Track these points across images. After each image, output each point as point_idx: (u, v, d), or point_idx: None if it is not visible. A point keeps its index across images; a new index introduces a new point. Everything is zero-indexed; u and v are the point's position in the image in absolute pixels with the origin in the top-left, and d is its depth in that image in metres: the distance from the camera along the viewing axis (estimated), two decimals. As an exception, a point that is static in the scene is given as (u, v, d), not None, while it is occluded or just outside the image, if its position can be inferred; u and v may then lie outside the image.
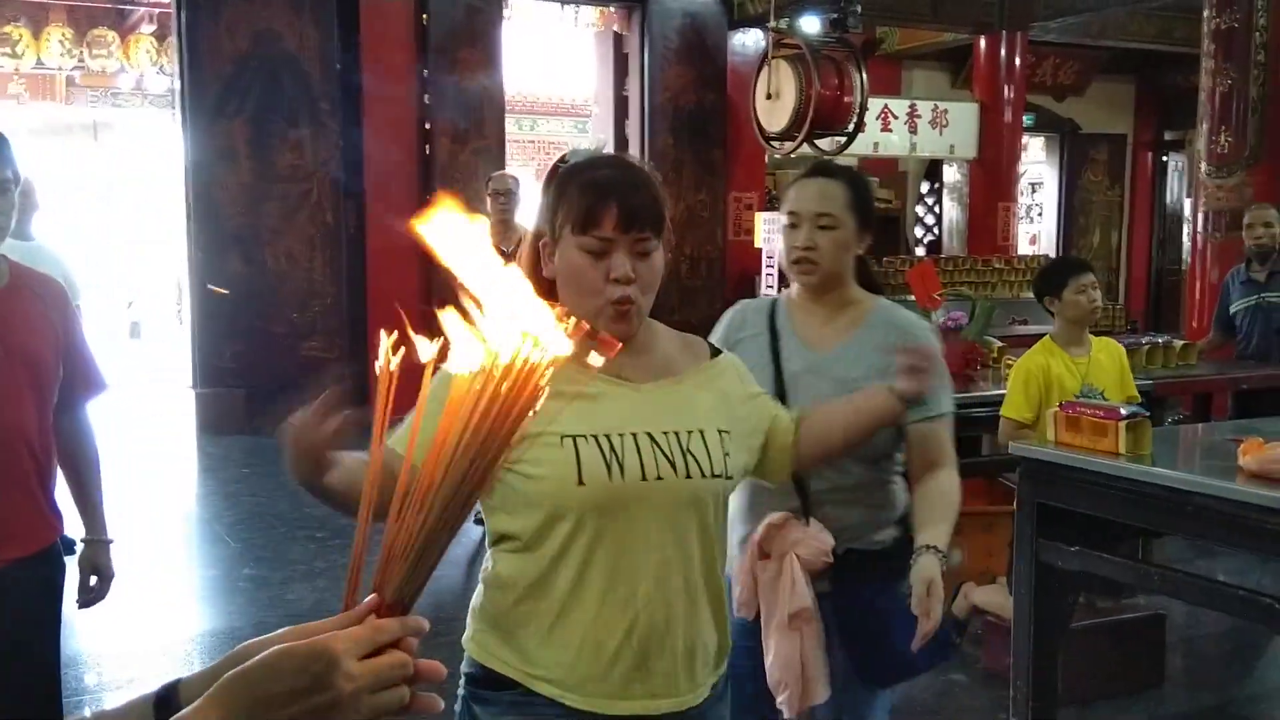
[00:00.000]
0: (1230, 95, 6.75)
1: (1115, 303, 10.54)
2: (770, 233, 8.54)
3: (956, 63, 11.61)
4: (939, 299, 4.67)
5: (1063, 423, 2.88)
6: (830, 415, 1.81)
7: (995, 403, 3.94)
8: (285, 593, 4.79)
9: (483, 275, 0.78)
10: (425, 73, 8.53)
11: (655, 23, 9.40)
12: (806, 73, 7.63)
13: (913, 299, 4.68)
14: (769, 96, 7.89)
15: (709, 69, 9.64)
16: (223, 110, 7.99)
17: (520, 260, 1.63)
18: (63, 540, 2.34)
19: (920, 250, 11.95)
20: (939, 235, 12.28)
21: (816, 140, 8.14)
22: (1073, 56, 12.00)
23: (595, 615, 1.51)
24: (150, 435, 7.96)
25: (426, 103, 8.54)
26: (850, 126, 8.01)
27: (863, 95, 7.89)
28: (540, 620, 1.52)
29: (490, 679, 1.57)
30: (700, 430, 1.56)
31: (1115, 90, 12.95)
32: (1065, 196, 12.94)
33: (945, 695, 3.83)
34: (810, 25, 8.00)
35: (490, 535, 1.60)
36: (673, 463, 1.52)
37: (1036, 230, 13.56)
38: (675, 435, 1.54)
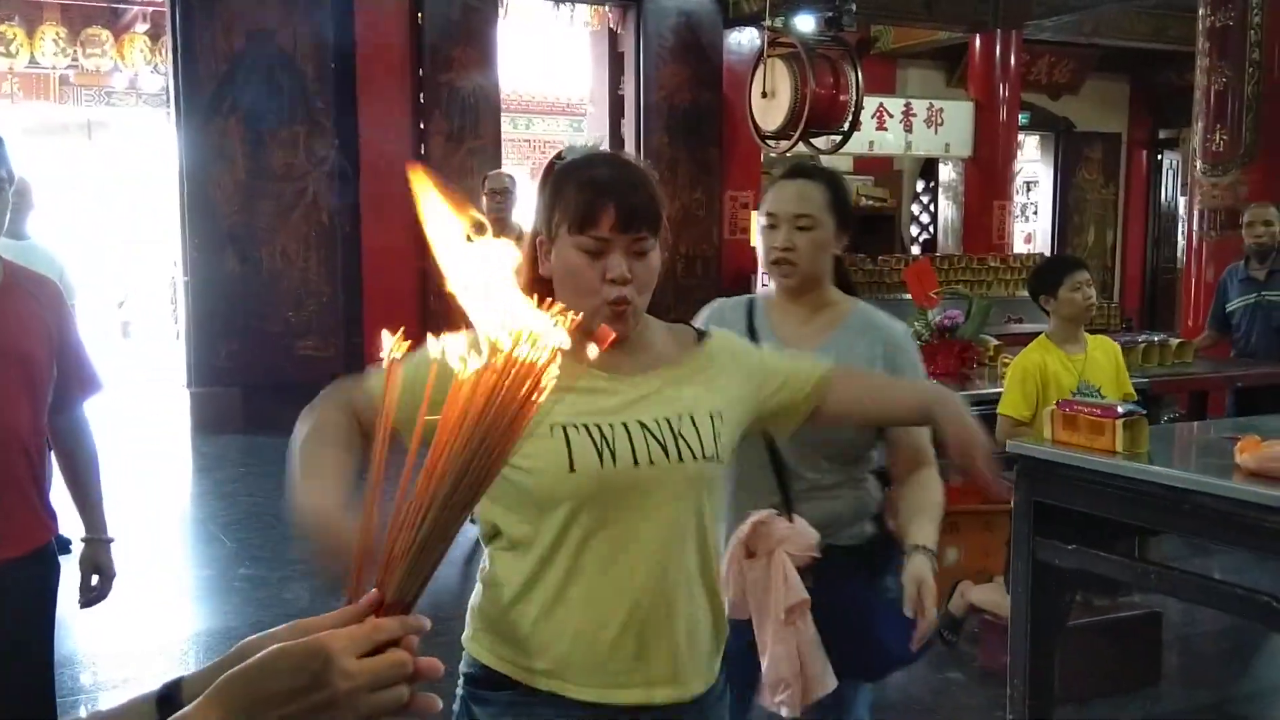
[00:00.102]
0: (1225, 93, 6.76)
1: (1110, 301, 10.56)
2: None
3: (951, 61, 11.61)
4: (936, 297, 4.68)
5: (1060, 421, 2.88)
6: (873, 388, 1.85)
7: (992, 401, 3.94)
8: (282, 592, 4.78)
9: (479, 273, 0.77)
10: (420, 71, 8.52)
11: (650, 21, 9.38)
12: (802, 71, 7.64)
13: (909, 297, 4.69)
14: (764, 95, 7.90)
15: (704, 67, 9.63)
16: (217, 109, 7.97)
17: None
18: (58, 540, 2.33)
19: (915, 249, 11.95)
20: (934, 234, 12.29)
21: (812, 139, 8.14)
22: (1067, 55, 12.00)
23: (591, 603, 1.50)
24: (145, 435, 7.94)
25: (422, 101, 8.53)
26: (846, 125, 8.02)
27: (858, 94, 7.90)
28: (538, 614, 1.52)
29: (489, 679, 1.56)
30: (691, 414, 1.55)
31: (1110, 89, 12.96)
32: (1060, 195, 12.95)
33: (942, 693, 3.83)
34: (805, 24, 8.01)
35: (483, 530, 1.59)
36: (664, 447, 1.51)
37: (1032, 229, 13.57)
38: (666, 421, 1.53)
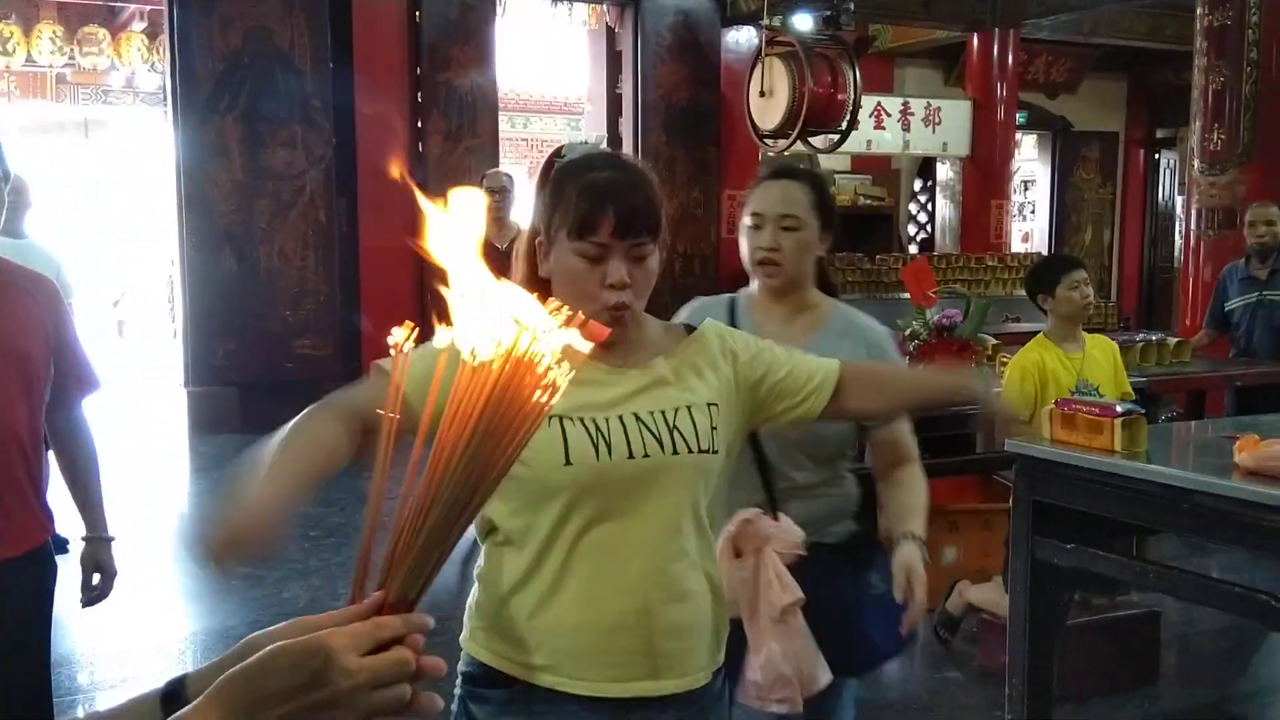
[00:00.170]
0: (1223, 92, 6.77)
1: (1107, 300, 10.56)
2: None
3: (949, 60, 11.61)
4: (933, 296, 4.68)
5: (1058, 420, 2.88)
6: (892, 379, 1.86)
7: (990, 400, 3.94)
8: (279, 591, 4.77)
9: (478, 272, 0.77)
10: (418, 70, 8.51)
11: (648, 20, 9.38)
12: (800, 70, 7.64)
13: (907, 296, 4.68)
14: (762, 94, 7.90)
15: (702, 66, 9.62)
16: (214, 108, 7.95)
17: (516, 258, 1.62)
18: (55, 539, 2.33)
19: (913, 248, 11.95)
20: (932, 233, 12.28)
21: (810, 138, 8.14)
22: (1065, 54, 12.01)
23: (588, 597, 1.50)
24: (143, 434, 7.93)
25: (419, 100, 8.52)
26: (843, 124, 8.02)
27: (856, 93, 7.90)
28: (535, 608, 1.52)
29: (487, 676, 1.56)
30: (687, 406, 1.55)
31: (1107, 88, 12.96)
32: (1057, 194, 12.96)
33: (941, 693, 3.83)
34: (803, 23, 8.01)
35: (479, 526, 1.59)
36: (659, 440, 1.51)
37: (1029, 228, 13.57)
38: (661, 414, 1.53)
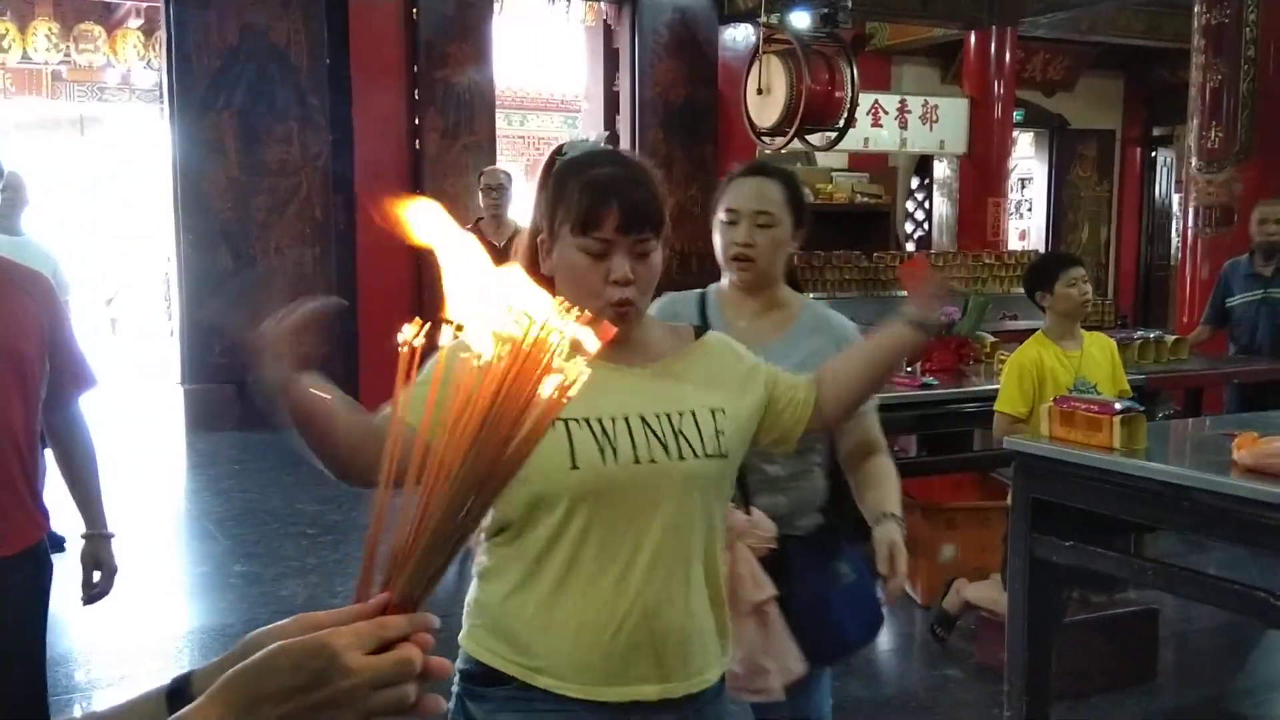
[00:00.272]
0: (1220, 90, 6.77)
1: (1105, 298, 10.56)
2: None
3: (946, 58, 11.61)
4: (932, 294, 4.67)
5: (1057, 418, 2.88)
6: (847, 365, 1.79)
7: (988, 398, 3.94)
8: (277, 589, 4.76)
9: (480, 270, 0.76)
10: (415, 67, 8.50)
11: (646, 17, 9.37)
12: (797, 68, 7.62)
13: (904, 294, 4.67)
14: (760, 92, 7.88)
15: (700, 64, 9.62)
16: (211, 104, 7.94)
17: (517, 256, 1.61)
18: (51, 538, 2.32)
19: (910, 246, 11.95)
20: (929, 230, 12.28)
21: (807, 135, 8.13)
22: (1062, 52, 12.01)
23: (590, 601, 1.49)
24: (139, 431, 7.92)
25: (416, 98, 8.51)
26: (841, 122, 8.00)
27: (853, 90, 7.88)
28: (535, 609, 1.51)
29: (485, 675, 1.55)
30: (692, 411, 1.55)
31: (1104, 86, 12.96)
32: (1054, 192, 12.96)
33: (939, 690, 3.84)
34: (800, 20, 7.98)
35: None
36: (665, 445, 1.51)
37: (1026, 225, 13.57)
38: (667, 417, 1.53)
